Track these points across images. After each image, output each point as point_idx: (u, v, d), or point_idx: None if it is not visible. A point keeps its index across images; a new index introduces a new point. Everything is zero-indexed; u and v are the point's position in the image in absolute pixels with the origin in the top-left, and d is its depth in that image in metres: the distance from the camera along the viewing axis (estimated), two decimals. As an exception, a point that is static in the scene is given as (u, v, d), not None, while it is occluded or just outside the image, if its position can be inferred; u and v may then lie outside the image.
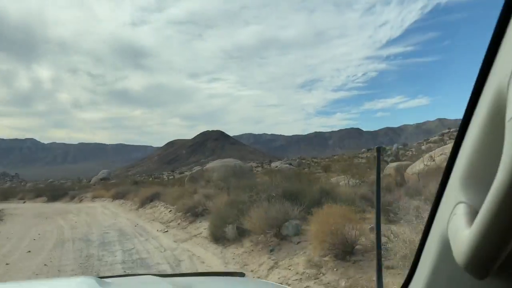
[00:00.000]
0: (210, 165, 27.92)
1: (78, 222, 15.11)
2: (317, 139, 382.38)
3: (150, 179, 57.47)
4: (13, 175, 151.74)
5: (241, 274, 2.02)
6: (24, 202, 35.31)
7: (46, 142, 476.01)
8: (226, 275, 2.16)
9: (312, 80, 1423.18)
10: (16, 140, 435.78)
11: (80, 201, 31.29)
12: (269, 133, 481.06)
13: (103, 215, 17.73)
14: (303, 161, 64.27)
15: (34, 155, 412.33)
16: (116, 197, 25.26)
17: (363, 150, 69.53)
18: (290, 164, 52.68)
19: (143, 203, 17.56)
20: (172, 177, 67.73)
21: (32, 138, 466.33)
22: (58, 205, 28.75)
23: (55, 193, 35.15)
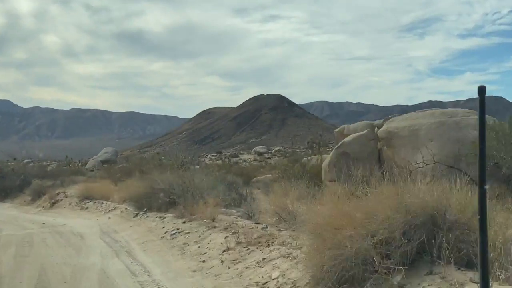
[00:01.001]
0: (396, 124, 16.73)
1: None
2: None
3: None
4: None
5: None
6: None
7: (25, 106, 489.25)
8: None
9: (426, 19, 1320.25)
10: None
11: (52, 204, 21.62)
12: (354, 101, 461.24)
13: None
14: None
15: (8, 123, 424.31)
16: (139, 202, 13.32)
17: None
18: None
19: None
20: (227, 160, 57.78)
21: (5, 100, 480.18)
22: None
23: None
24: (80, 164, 61.21)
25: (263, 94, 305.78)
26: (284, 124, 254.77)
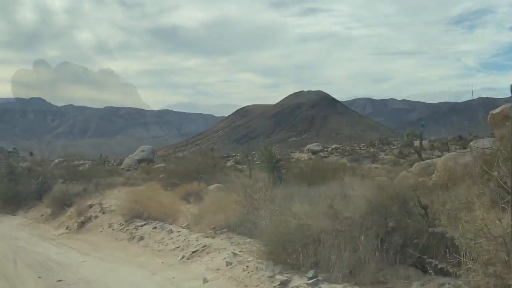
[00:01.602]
0: None
1: None
2: (485, 110, 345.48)
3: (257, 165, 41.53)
4: (11, 151, 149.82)
5: None
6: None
7: (59, 104, 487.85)
8: None
9: (476, 11, 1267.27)
10: (18, 100, 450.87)
11: (82, 223, 14.95)
12: (399, 98, 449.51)
13: None
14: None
15: (42, 122, 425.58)
16: (280, 252, 5.78)
17: None
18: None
19: None
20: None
21: (39, 98, 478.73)
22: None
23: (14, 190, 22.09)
24: (115, 163, 57.23)
25: (303, 91, 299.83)
26: (327, 121, 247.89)
